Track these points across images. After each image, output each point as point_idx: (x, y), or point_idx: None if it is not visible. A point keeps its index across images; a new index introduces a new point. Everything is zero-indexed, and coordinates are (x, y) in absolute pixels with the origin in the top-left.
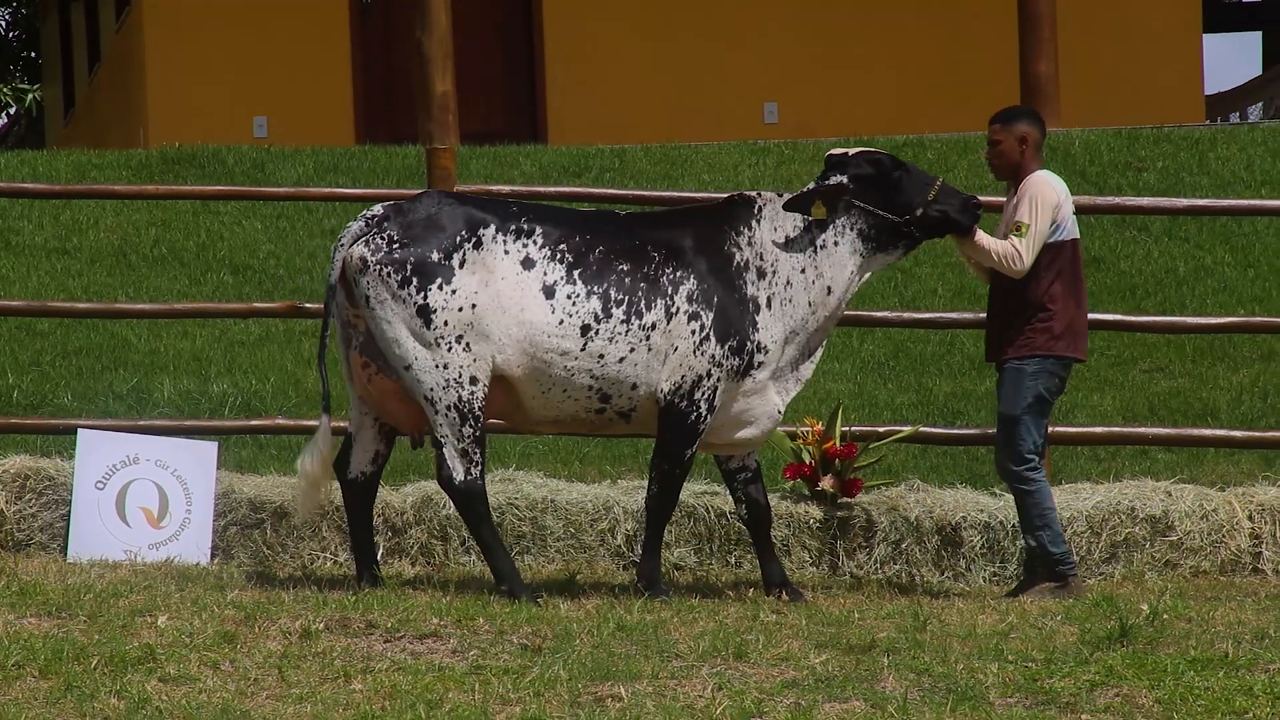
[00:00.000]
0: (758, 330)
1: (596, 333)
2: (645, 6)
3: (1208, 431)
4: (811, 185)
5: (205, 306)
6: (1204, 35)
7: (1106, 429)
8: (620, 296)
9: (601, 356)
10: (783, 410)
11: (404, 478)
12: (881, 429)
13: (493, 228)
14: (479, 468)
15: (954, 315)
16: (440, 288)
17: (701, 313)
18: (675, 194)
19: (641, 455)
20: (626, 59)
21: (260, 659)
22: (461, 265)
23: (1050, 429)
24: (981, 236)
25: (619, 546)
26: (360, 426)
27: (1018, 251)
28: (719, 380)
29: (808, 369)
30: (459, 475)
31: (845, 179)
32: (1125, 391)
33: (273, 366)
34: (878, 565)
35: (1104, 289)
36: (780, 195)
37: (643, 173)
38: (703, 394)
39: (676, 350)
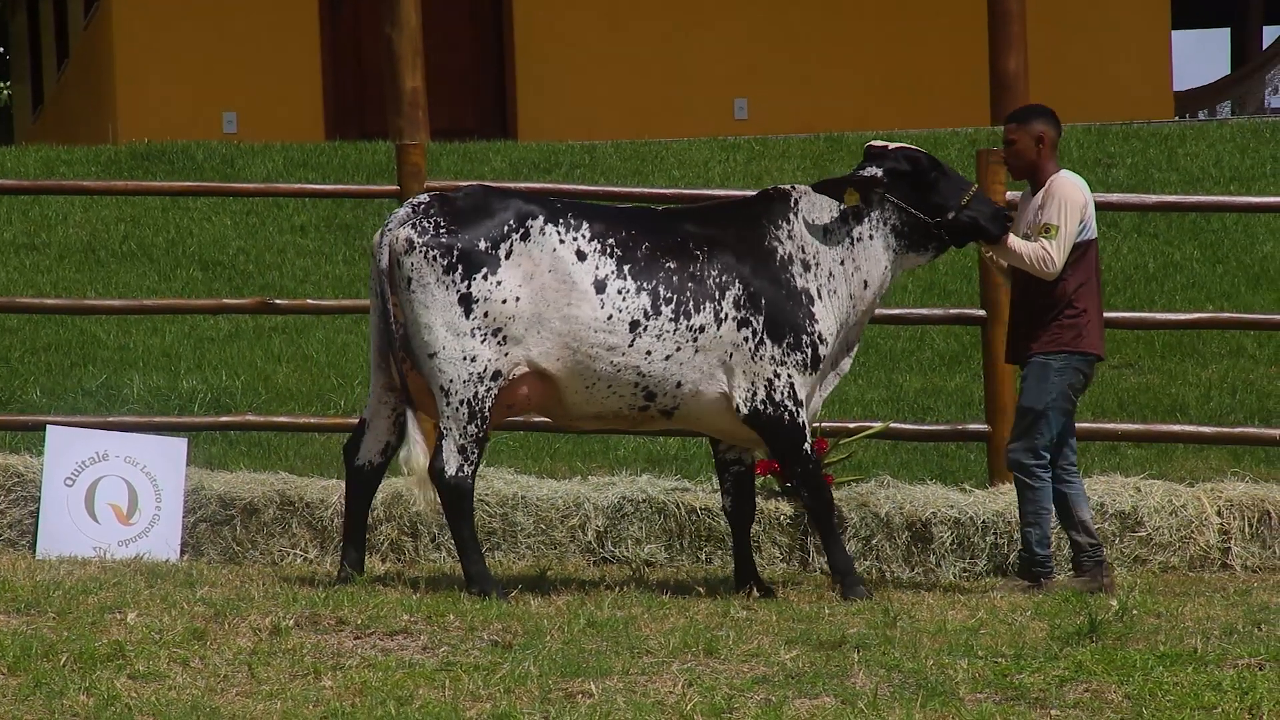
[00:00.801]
0: (815, 321)
1: (645, 329)
2: (615, 3)
3: (1177, 427)
4: (847, 173)
5: (175, 303)
6: (1173, 32)
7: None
8: (669, 294)
9: (649, 354)
10: (820, 406)
11: None
12: (851, 425)
13: (541, 219)
14: (472, 467)
15: (924, 311)
16: (485, 278)
17: (751, 318)
18: (645, 190)
19: (612, 451)
20: (597, 56)
21: (230, 656)
22: (508, 256)
23: None
24: (1013, 240)
25: (589, 543)
26: (375, 415)
27: (1049, 254)
28: (791, 377)
29: (846, 363)
30: (451, 469)
31: (880, 172)
32: (1094, 387)
33: (242, 363)
34: None
35: None
36: (813, 187)
37: (613, 169)
38: (782, 393)
39: (733, 358)
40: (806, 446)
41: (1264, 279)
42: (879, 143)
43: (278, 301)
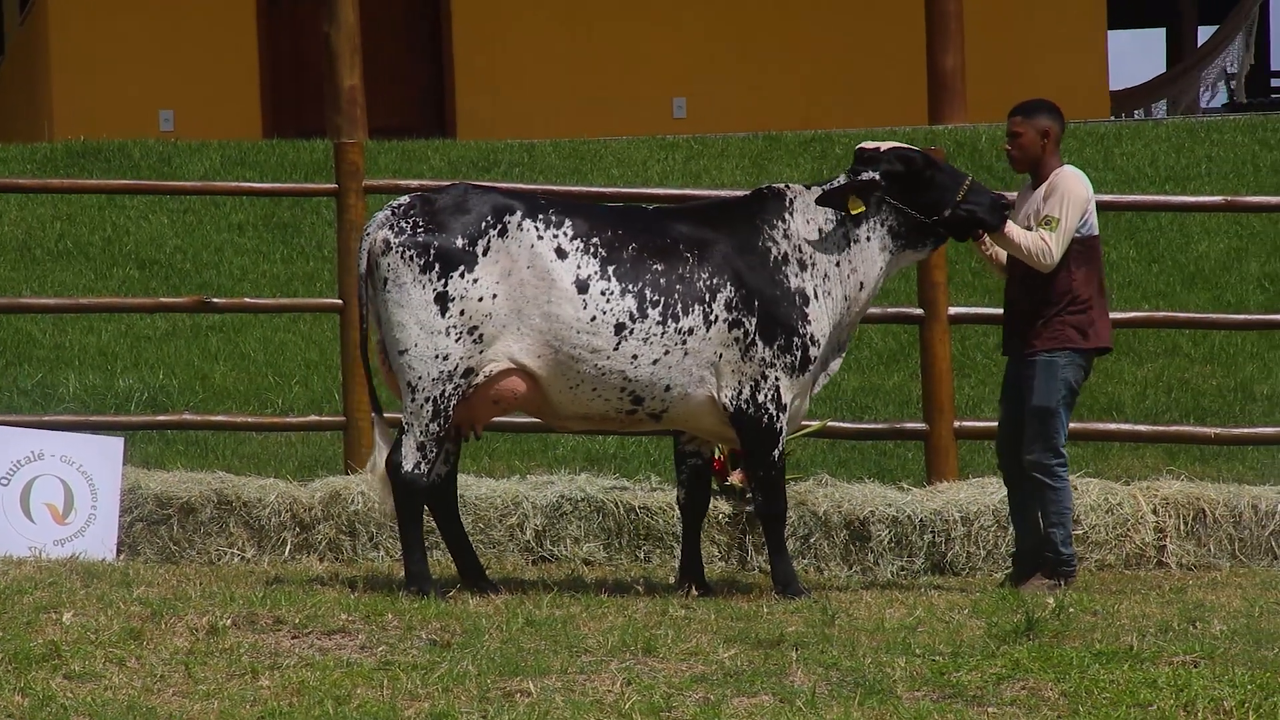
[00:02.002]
0: (809, 322)
1: (631, 333)
2: (554, 3)
3: (1112, 426)
4: (842, 180)
5: (111, 301)
6: (1109, 31)
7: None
8: (656, 297)
9: (635, 358)
10: (806, 408)
11: (312, 473)
12: None
13: (519, 214)
14: (428, 465)
15: None
16: (462, 275)
17: (744, 319)
18: (586, 189)
19: (550, 450)
20: (536, 54)
21: (166, 656)
22: (485, 253)
23: (956, 424)
24: (1011, 229)
25: (528, 542)
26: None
27: (1048, 245)
28: (779, 379)
29: (836, 364)
30: (407, 465)
31: (877, 175)
32: None
33: (179, 362)
34: None
35: None
36: (809, 188)
37: (552, 168)
38: (767, 395)
39: (723, 359)
40: (776, 453)
41: (1199, 278)
42: (870, 144)
43: (215, 300)
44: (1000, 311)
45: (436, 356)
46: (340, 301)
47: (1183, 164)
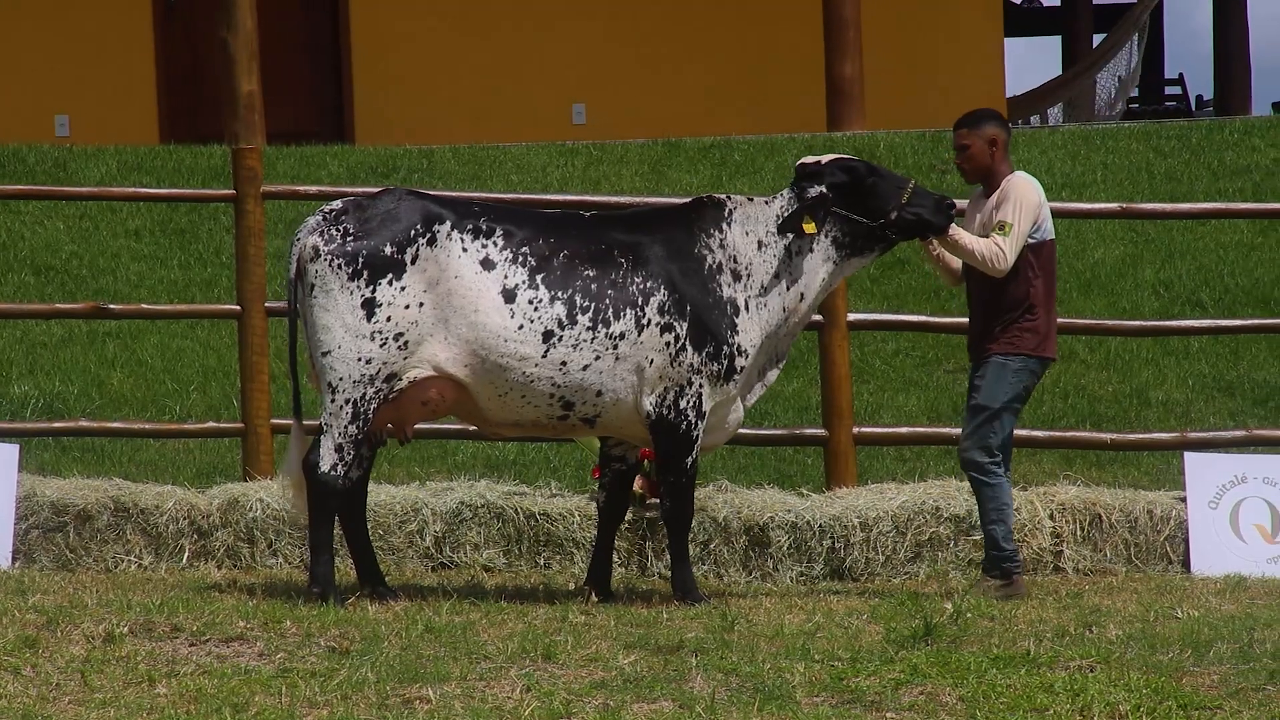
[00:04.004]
0: (737, 333)
1: (560, 340)
2: (454, 7)
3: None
4: (786, 194)
5: (6, 307)
6: (1005, 39)
7: (911, 429)
8: (586, 303)
9: (564, 364)
10: (743, 415)
11: (210, 480)
12: None
13: (448, 224)
14: (345, 467)
15: None
16: (390, 283)
17: (675, 324)
18: (484, 195)
19: (450, 456)
20: (435, 60)
21: (62, 663)
22: (414, 262)
23: (855, 429)
24: (962, 235)
25: (427, 548)
26: None
27: (1002, 250)
28: (702, 387)
29: (773, 374)
30: (324, 465)
31: (824, 189)
32: (930, 392)
33: (75, 368)
34: None
35: (909, 290)
36: (750, 199)
37: (451, 173)
38: (689, 402)
39: (653, 363)
40: (689, 460)
41: (1095, 285)
42: (810, 159)
43: (112, 306)
44: (896, 318)
45: (359, 359)
46: (238, 308)
47: (1078, 171)
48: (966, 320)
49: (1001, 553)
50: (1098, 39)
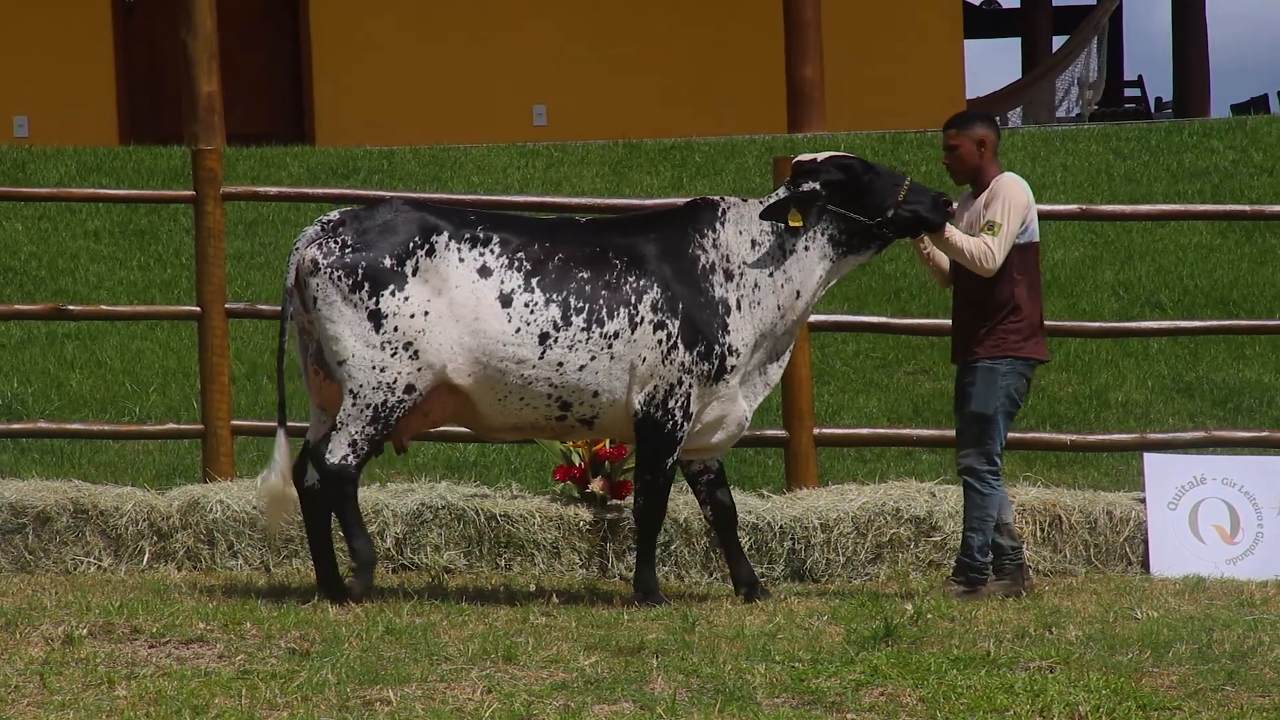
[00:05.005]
0: (728, 333)
1: (555, 341)
2: (414, 8)
3: None
4: (783, 193)
5: None
6: (965, 41)
7: (872, 430)
8: (580, 304)
9: (560, 365)
10: (750, 415)
11: (170, 481)
12: None
13: (446, 235)
14: (358, 460)
15: None
16: (393, 294)
17: (667, 321)
18: (447, 195)
19: (411, 458)
20: (395, 60)
21: (21, 666)
22: (414, 273)
23: (816, 431)
24: (953, 234)
25: (388, 549)
26: (318, 435)
27: (990, 250)
28: (691, 387)
29: (775, 373)
30: (335, 457)
31: (818, 185)
32: (890, 393)
33: (34, 369)
34: None
35: (869, 292)
36: (745, 200)
37: (411, 175)
38: (676, 402)
39: (645, 361)
40: (670, 461)
41: (1054, 286)
42: (807, 156)
43: (71, 307)
44: (856, 319)
45: (374, 367)
46: (198, 309)
47: (1038, 173)
48: (926, 321)
49: (974, 562)
50: (1058, 41)
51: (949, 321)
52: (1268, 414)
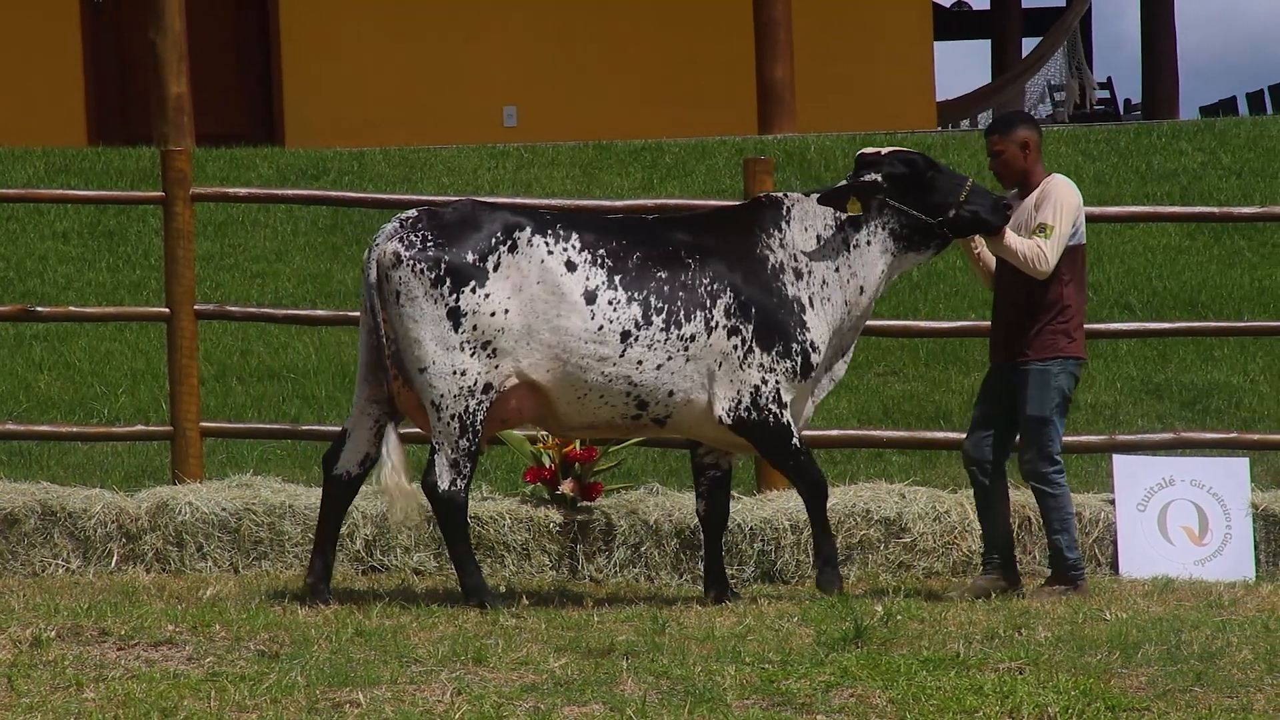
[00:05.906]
0: (806, 330)
1: (636, 339)
2: (383, 9)
3: (940, 434)
4: (845, 181)
5: None
6: (935, 42)
7: (842, 432)
8: (660, 304)
9: (640, 363)
10: (811, 412)
11: (139, 483)
12: None
13: (529, 230)
14: (465, 480)
15: None
16: (474, 290)
17: (741, 326)
18: (415, 197)
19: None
20: (365, 61)
21: None
22: (496, 269)
23: None
24: (1009, 236)
25: (358, 551)
26: (357, 426)
27: (1044, 252)
28: (779, 382)
29: (841, 368)
30: (444, 484)
31: (879, 177)
32: (860, 395)
33: (2, 371)
34: (617, 568)
35: None
36: (808, 195)
37: (381, 176)
38: (766, 399)
39: (722, 367)
40: (795, 442)
41: None
42: (870, 149)
43: (39, 309)
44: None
45: (454, 372)
46: (167, 310)
47: None
48: (884, 324)
49: (1066, 561)
50: (1027, 42)
51: (919, 324)
52: (1236, 415)
